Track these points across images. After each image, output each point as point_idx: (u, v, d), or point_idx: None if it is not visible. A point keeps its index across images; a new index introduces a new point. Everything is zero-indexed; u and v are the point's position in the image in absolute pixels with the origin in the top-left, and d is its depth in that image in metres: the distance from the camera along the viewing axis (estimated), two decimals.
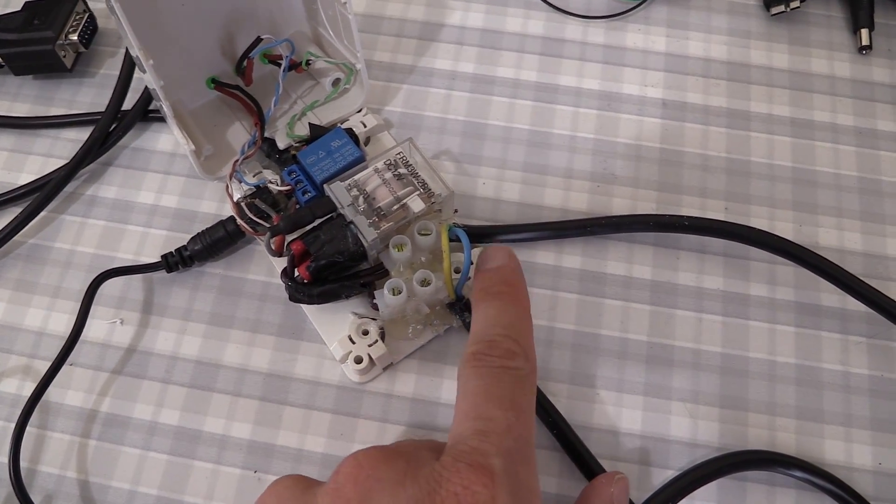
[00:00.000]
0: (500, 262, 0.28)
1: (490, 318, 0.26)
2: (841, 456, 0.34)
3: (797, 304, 0.36)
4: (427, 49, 0.43)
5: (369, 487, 0.20)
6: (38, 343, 0.37)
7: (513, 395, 0.23)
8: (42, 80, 0.43)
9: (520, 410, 0.23)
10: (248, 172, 0.38)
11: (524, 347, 0.25)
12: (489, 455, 0.21)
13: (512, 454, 0.21)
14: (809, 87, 0.42)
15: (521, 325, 0.26)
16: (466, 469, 0.20)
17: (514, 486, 0.20)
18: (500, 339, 0.24)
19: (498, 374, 0.23)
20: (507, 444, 0.21)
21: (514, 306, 0.26)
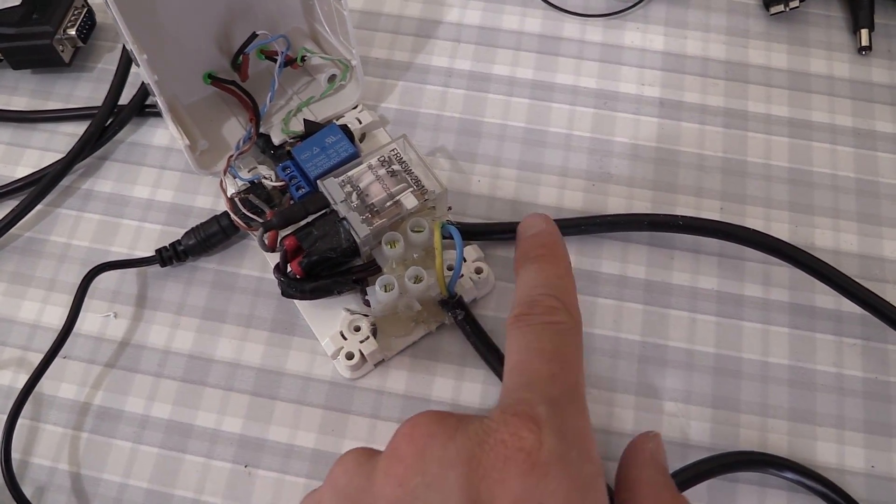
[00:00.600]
0: (538, 228, 0.28)
1: (530, 281, 0.26)
2: (833, 458, 0.33)
3: (791, 305, 0.36)
4: (424, 46, 0.43)
5: (423, 444, 0.21)
6: (33, 335, 0.37)
7: (556, 348, 0.23)
8: (40, 75, 0.43)
9: (564, 361, 0.23)
10: (243, 168, 0.38)
11: (565, 303, 0.25)
12: (534, 404, 0.21)
13: (558, 401, 0.21)
14: (808, 88, 0.41)
15: (560, 282, 0.26)
16: (512, 418, 0.20)
17: (561, 430, 0.20)
18: (541, 298, 0.25)
19: (539, 330, 0.24)
20: (552, 392, 0.22)
21: (553, 265, 0.27)
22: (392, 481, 0.21)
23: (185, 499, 0.33)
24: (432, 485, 0.20)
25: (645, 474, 0.24)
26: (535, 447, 0.20)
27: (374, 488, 0.21)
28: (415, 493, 0.20)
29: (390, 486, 0.21)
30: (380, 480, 0.21)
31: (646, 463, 0.24)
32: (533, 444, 0.20)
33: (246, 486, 0.33)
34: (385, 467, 0.21)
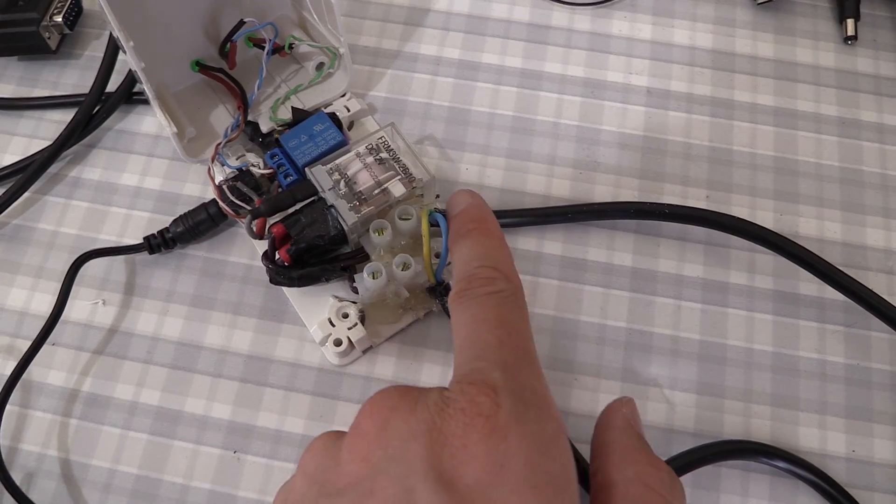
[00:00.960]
0: (464, 204, 0.29)
1: (465, 256, 0.26)
2: (815, 443, 0.34)
3: (776, 292, 0.37)
4: (412, 34, 0.43)
5: (384, 418, 0.21)
6: (21, 323, 0.37)
7: (500, 315, 0.23)
8: (26, 62, 0.43)
9: (510, 327, 0.23)
10: (231, 155, 0.38)
11: (502, 271, 0.25)
12: (486, 371, 0.21)
13: (510, 365, 0.22)
14: (794, 77, 0.42)
15: (495, 252, 0.26)
16: (468, 386, 0.21)
17: (516, 392, 0.21)
18: (478, 271, 0.25)
19: (481, 301, 0.24)
20: (502, 357, 0.22)
21: (485, 237, 0.27)
22: (356, 457, 0.21)
23: (174, 484, 0.33)
24: (395, 457, 0.20)
25: (619, 437, 0.24)
26: (493, 411, 0.20)
27: (339, 467, 0.21)
28: (378, 467, 0.20)
29: (354, 462, 0.21)
30: (345, 458, 0.21)
31: (620, 426, 0.24)
32: (490, 408, 0.20)
33: (235, 472, 0.34)
34: (349, 445, 0.21)
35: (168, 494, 0.33)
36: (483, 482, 0.19)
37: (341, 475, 0.21)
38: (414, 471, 0.19)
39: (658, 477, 0.22)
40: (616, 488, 0.22)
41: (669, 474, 0.22)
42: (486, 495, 0.19)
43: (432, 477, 0.19)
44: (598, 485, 0.23)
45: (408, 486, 0.19)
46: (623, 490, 0.22)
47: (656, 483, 0.22)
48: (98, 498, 0.33)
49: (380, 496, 0.19)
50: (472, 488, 0.19)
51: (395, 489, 0.19)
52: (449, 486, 0.19)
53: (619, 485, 0.22)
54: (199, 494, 0.33)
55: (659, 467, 0.22)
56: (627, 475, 0.22)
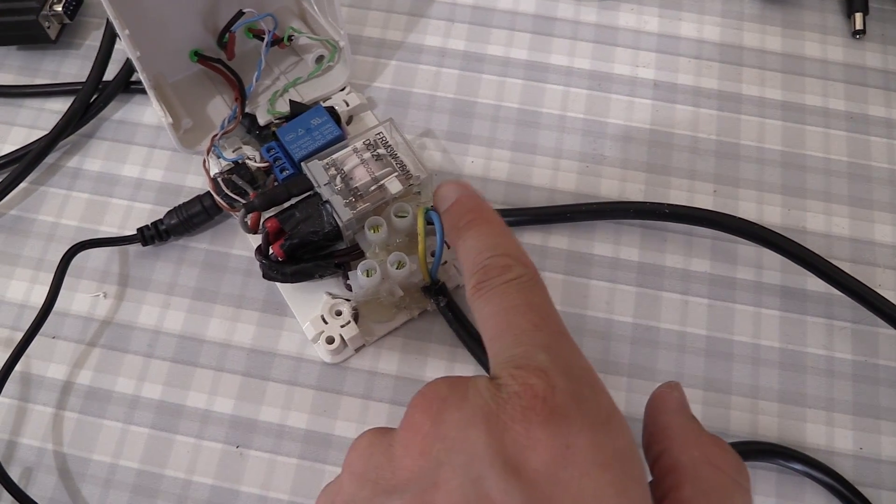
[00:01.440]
0: (454, 195, 0.28)
1: (472, 249, 0.26)
2: (822, 440, 0.34)
3: (783, 288, 0.36)
4: (417, 25, 0.42)
5: (437, 410, 0.21)
6: (21, 315, 0.36)
7: (527, 300, 0.23)
8: (26, 51, 0.43)
9: (539, 310, 0.23)
10: (228, 147, 0.38)
11: (516, 257, 0.24)
12: (530, 354, 0.21)
13: (551, 346, 0.21)
14: (802, 71, 0.41)
15: (502, 240, 0.25)
16: (516, 371, 0.20)
17: (566, 370, 0.20)
18: (491, 261, 0.24)
19: (503, 290, 0.23)
20: (541, 340, 0.21)
21: (488, 227, 0.26)
22: (412, 452, 0.20)
23: (176, 479, 0.33)
24: (455, 448, 0.20)
25: (677, 420, 0.23)
26: (549, 392, 0.20)
27: (393, 463, 0.21)
28: (438, 460, 0.20)
29: (410, 457, 0.20)
30: (399, 454, 0.21)
31: (675, 409, 0.23)
32: (546, 390, 0.20)
33: (237, 467, 0.33)
34: (403, 440, 0.21)
35: (170, 489, 0.33)
36: (551, 465, 0.19)
37: (398, 471, 0.20)
38: (478, 459, 0.19)
39: (725, 457, 0.22)
40: (684, 470, 0.21)
41: (735, 454, 0.22)
42: (556, 478, 0.19)
43: (499, 463, 0.19)
44: (662, 469, 0.22)
45: (474, 475, 0.19)
46: (691, 471, 0.21)
47: (723, 463, 0.21)
48: (99, 493, 0.33)
49: (445, 488, 0.19)
50: (540, 472, 0.19)
51: (460, 479, 0.19)
52: (517, 472, 0.19)
53: (686, 466, 0.21)
54: (201, 489, 0.33)
55: (724, 448, 0.22)
56: (694, 456, 0.21)
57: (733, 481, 0.21)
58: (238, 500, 0.33)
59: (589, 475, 0.19)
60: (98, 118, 0.40)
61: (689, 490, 0.21)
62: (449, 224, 0.28)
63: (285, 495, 0.33)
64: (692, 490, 0.21)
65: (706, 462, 0.21)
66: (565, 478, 0.19)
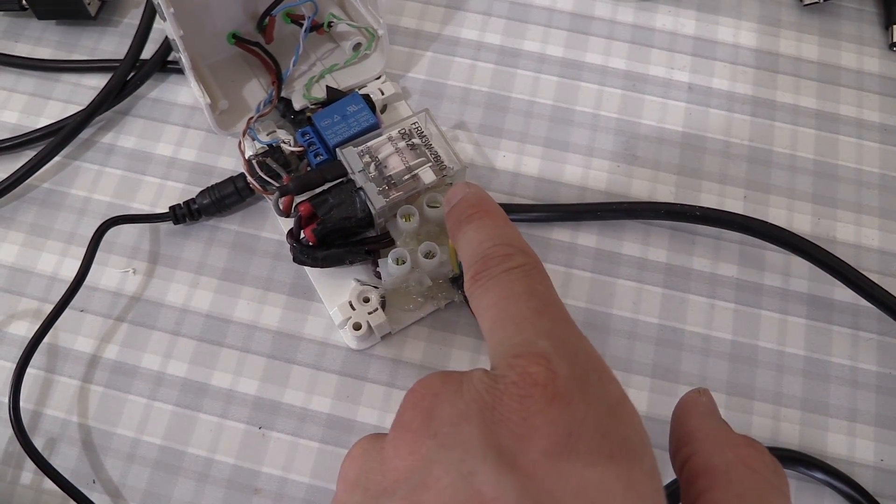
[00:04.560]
0: (461, 194, 0.27)
1: (472, 241, 0.25)
2: (843, 450, 0.34)
3: (810, 296, 0.36)
4: (453, 17, 0.42)
5: (428, 406, 0.20)
6: (50, 287, 0.37)
7: (529, 287, 0.22)
8: (65, 26, 0.43)
9: (542, 297, 0.22)
10: (262, 131, 0.38)
11: (518, 247, 0.23)
12: (531, 342, 0.20)
13: (555, 332, 0.20)
14: (837, 81, 0.41)
15: (504, 230, 0.24)
16: (516, 360, 0.19)
17: (570, 356, 0.19)
18: (492, 250, 0.23)
19: (503, 279, 0.22)
20: (544, 326, 0.20)
21: (489, 219, 0.25)
22: (402, 452, 0.19)
23: (197, 457, 0.33)
24: (446, 444, 0.18)
25: (708, 423, 0.22)
26: (550, 378, 0.18)
27: (384, 466, 0.19)
28: (429, 458, 0.18)
29: (400, 457, 0.19)
30: (390, 455, 0.19)
31: (704, 413, 0.22)
32: (546, 376, 0.18)
33: (259, 448, 0.33)
34: (393, 441, 0.20)
35: (191, 467, 0.33)
36: (551, 454, 0.17)
37: (387, 473, 0.19)
38: (470, 454, 0.18)
39: (760, 459, 0.20)
40: (717, 472, 0.20)
41: (770, 456, 0.21)
42: (557, 469, 0.17)
43: (492, 456, 0.17)
44: (693, 472, 0.20)
45: (465, 471, 0.17)
46: (725, 474, 0.20)
47: (759, 465, 0.20)
48: (121, 467, 0.33)
49: (435, 487, 0.18)
50: (539, 463, 0.17)
51: (451, 477, 0.17)
52: (512, 465, 0.17)
53: (718, 468, 0.20)
54: (222, 468, 0.33)
55: (759, 449, 0.21)
56: (728, 458, 0.20)
57: (769, 483, 0.20)
58: (259, 481, 0.33)
59: (594, 466, 0.17)
60: (134, 96, 0.40)
61: (722, 492, 0.19)
62: (452, 219, 0.27)
63: (306, 478, 0.33)
64: (725, 492, 0.19)
65: (740, 464, 0.20)
66: (566, 469, 0.17)
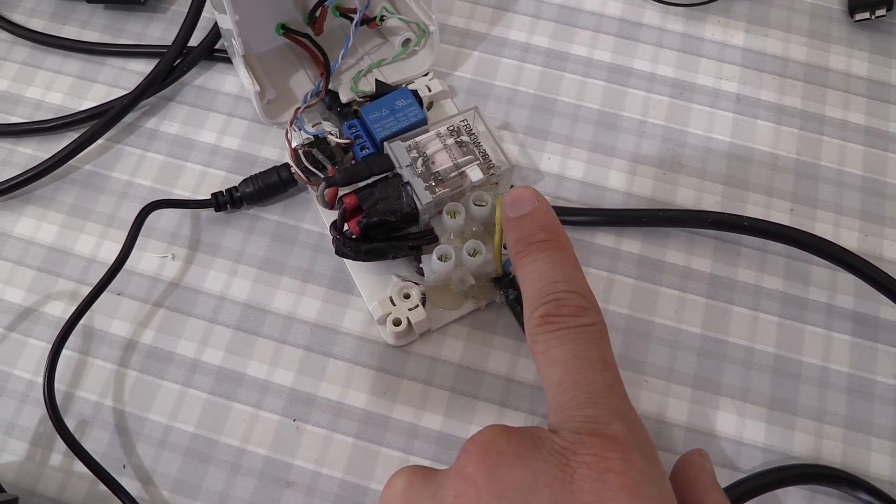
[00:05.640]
0: (531, 205, 0.26)
1: (545, 274, 0.24)
2: (887, 470, 0.33)
3: (855, 313, 0.36)
4: (502, 18, 0.42)
5: (493, 463, 0.20)
6: (88, 269, 0.36)
7: (601, 353, 0.22)
8: (113, 11, 0.43)
9: (613, 370, 0.22)
10: (308, 122, 0.38)
11: (590, 301, 0.23)
12: (608, 422, 0.20)
13: (624, 414, 0.21)
14: (887, 98, 0.41)
15: (578, 275, 0.24)
16: (591, 439, 0.20)
17: (642, 447, 0.20)
18: (566, 297, 0.23)
19: (577, 335, 0.22)
20: (617, 405, 0.21)
21: (563, 255, 0.25)
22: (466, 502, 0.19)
23: (230, 447, 0.33)
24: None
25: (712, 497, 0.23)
26: (625, 468, 0.19)
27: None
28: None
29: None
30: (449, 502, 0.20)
31: (709, 485, 0.23)
32: (622, 466, 0.19)
33: (293, 440, 0.33)
34: (454, 489, 0.20)
35: (223, 456, 0.33)
36: None
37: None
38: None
39: None
40: None
41: None
42: None
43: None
44: None
45: None
46: None
47: None
48: (152, 453, 0.33)
49: None
50: None
51: None
52: None
53: None
54: (254, 459, 0.33)
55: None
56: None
57: None
58: (291, 473, 0.33)
59: None
60: (179, 82, 0.40)
61: None
62: (517, 235, 0.25)
63: (338, 473, 0.32)
64: None
65: None
66: None
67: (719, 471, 0.32)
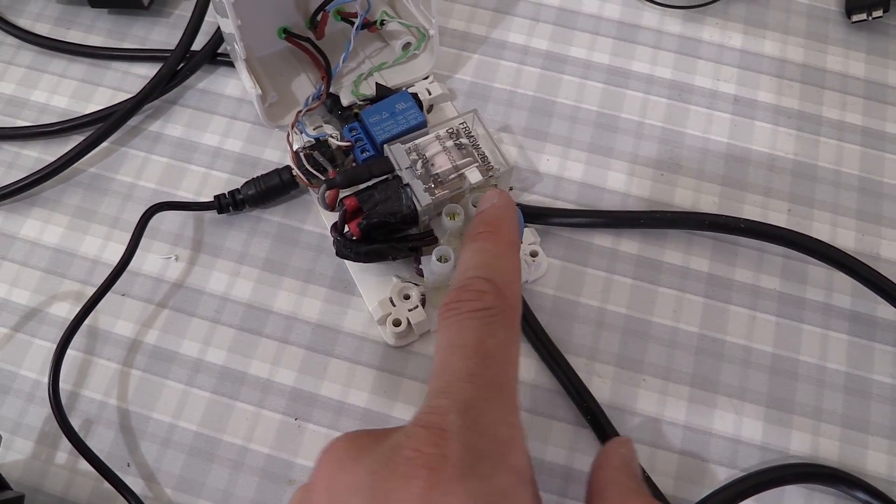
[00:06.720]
0: (488, 204, 0.26)
1: (465, 263, 0.24)
2: (883, 469, 0.33)
3: (852, 312, 0.36)
4: (501, 21, 0.43)
5: (331, 471, 0.19)
6: (93, 270, 0.37)
7: (479, 340, 0.21)
8: (117, 15, 0.43)
9: (486, 355, 0.21)
10: (310, 125, 0.38)
11: (498, 283, 0.22)
12: (445, 412, 0.19)
13: (474, 405, 0.19)
14: (883, 99, 0.41)
15: (497, 262, 0.23)
16: (420, 430, 0.19)
17: (472, 439, 0.18)
18: (470, 282, 0.22)
19: (463, 321, 0.21)
20: (467, 395, 0.20)
21: (492, 243, 0.24)
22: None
23: (233, 445, 0.33)
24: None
25: (615, 477, 0.22)
26: (439, 462, 0.18)
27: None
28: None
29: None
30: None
31: (617, 467, 0.22)
32: (436, 460, 0.18)
33: (295, 439, 0.33)
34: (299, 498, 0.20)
35: (226, 455, 0.33)
36: None
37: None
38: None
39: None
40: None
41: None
42: None
43: None
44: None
45: None
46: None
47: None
48: (156, 451, 0.33)
49: None
50: None
51: None
52: None
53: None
54: (257, 457, 0.33)
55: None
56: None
57: None
58: (293, 472, 0.33)
59: None
60: (182, 86, 0.41)
61: None
62: (467, 233, 0.26)
63: None
64: None
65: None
66: None
67: (717, 469, 0.33)
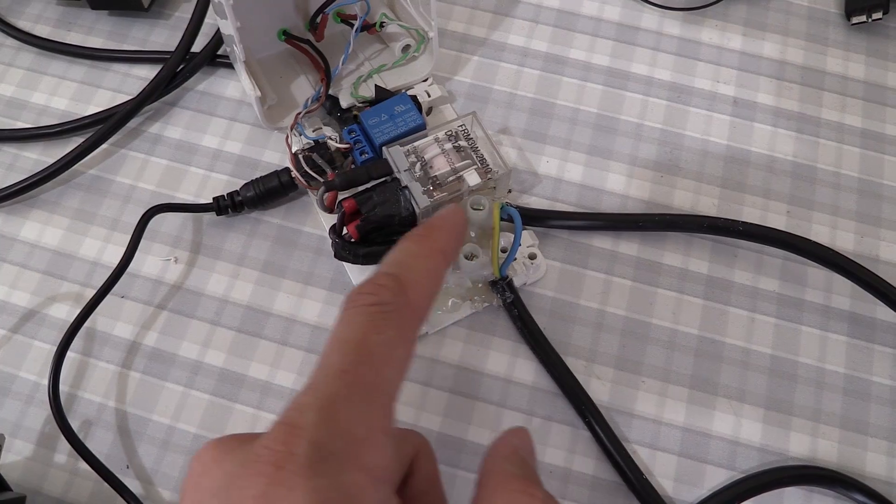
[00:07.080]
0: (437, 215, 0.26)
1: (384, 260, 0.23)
2: (882, 470, 0.33)
3: (851, 314, 0.36)
4: (501, 23, 0.43)
5: (195, 476, 0.19)
6: (92, 272, 0.37)
7: (363, 336, 0.20)
8: (117, 17, 0.43)
9: (365, 352, 0.20)
10: (309, 127, 0.38)
11: (403, 281, 0.21)
12: (304, 408, 0.19)
13: (335, 402, 0.19)
14: (883, 101, 0.41)
15: (412, 261, 0.23)
16: (277, 427, 0.18)
17: (322, 437, 0.18)
18: (374, 277, 0.22)
19: (351, 316, 0.21)
20: (331, 390, 0.19)
21: (416, 245, 0.23)
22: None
23: None
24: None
25: (500, 465, 0.21)
26: (285, 459, 0.17)
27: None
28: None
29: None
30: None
31: (503, 455, 0.22)
32: (283, 457, 0.17)
33: None
34: None
35: None
36: None
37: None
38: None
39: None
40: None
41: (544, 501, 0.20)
42: None
43: None
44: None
45: None
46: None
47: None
48: (155, 453, 0.33)
49: None
50: None
51: None
52: None
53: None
54: None
55: (532, 494, 0.20)
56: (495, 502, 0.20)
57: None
58: None
59: None
60: (182, 88, 0.41)
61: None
62: None
63: None
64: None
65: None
66: None
67: (716, 471, 0.33)
